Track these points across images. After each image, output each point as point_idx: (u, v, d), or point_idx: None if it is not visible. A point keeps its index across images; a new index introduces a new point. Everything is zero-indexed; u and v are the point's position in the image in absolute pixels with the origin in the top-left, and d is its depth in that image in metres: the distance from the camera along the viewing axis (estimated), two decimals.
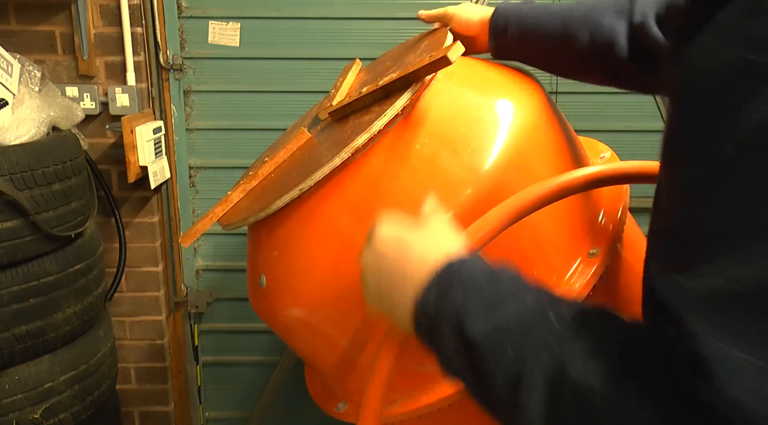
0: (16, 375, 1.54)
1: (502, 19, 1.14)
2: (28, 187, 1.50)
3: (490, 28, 1.15)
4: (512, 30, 1.12)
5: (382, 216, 0.75)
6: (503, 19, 1.13)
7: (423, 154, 1.00)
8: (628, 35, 1.02)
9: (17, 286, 1.51)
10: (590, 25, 1.04)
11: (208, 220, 1.20)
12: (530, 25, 1.11)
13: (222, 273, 2.17)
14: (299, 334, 1.15)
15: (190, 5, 1.97)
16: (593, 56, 1.06)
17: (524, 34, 1.12)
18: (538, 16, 1.11)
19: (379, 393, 0.83)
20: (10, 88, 1.59)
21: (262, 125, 2.04)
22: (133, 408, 2.20)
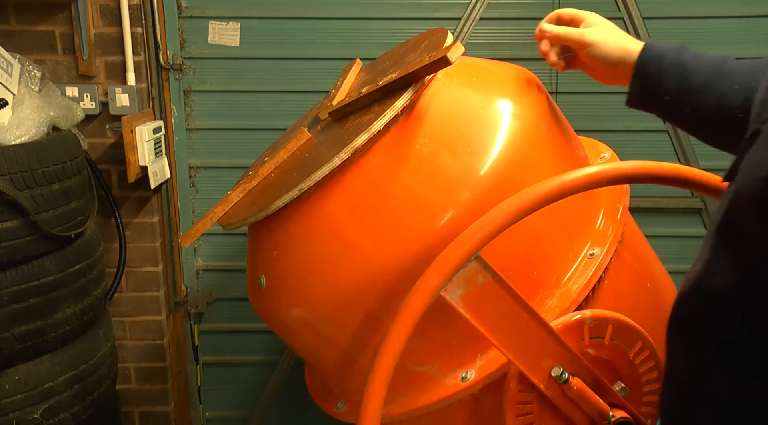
0: (16, 375, 1.54)
1: (656, 61, 0.93)
2: (28, 187, 1.50)
3: (637, 67, 0.95)
4: (669, 81, 0.92)
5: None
6: (657, 62, 0.93)
7: (423, 154, 1.00)
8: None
9: (17, 286, 1.51)
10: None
11: (208, 220, 1.20)
12: (696, 84, 0.90)
13: (222, 273, 2.17)
14: (299, 334, 1.16)
15: (190, 5, 1.97)
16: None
17: (684, 90, 0.91)
18: (708, 73, 0.90)
19: (379, 393, 0.84)
20: (10, 88, 1.59)
21: (262, 125, 2.04)
22: (133, 408, 2.20)
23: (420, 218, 0.96)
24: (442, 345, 1.03)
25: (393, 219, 0.98)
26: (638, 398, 1.04)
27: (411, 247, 0.96)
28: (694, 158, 2.00)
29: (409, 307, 0.83)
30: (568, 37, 1.02)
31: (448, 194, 0.96)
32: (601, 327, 0.98)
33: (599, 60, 0.99)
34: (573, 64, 1.06)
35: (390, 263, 0.97)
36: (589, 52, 0.99)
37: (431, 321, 0.93)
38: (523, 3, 1.95)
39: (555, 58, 1.05)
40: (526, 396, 0.97)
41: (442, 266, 0.83)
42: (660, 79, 0.92)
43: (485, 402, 1.04)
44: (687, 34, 1.93)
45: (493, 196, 0.94)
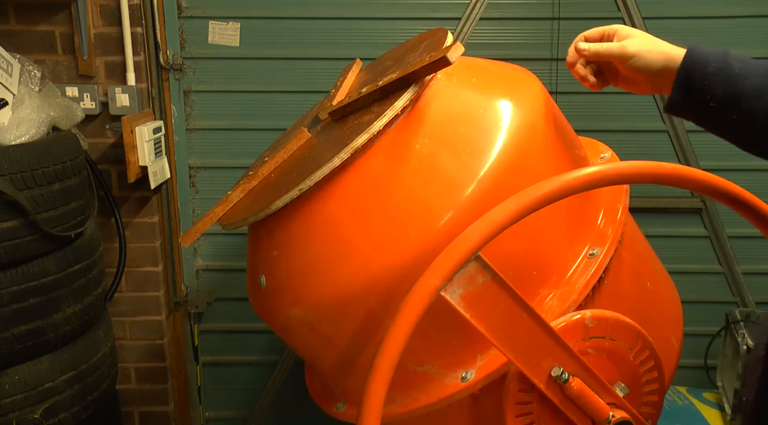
0: (16, 375, 1.54)
1: (701, 66, 0.90)
2: (28, 187, 1.50)
3: (681, 73, 0.91)
4: (715, 87, 0.88)
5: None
6: (701, 67, 0.89)
7: (423, 154, 1.00)
8: None
9: (17, 286, 1.51)
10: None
11: (208, 220, 1.20)
12: (746, 89, 0.86)
13: (222, 273, 2.17)
14: (299, 334, 1.16)
15: (190, 5, 1.97)
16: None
17: (731, 96, 0.87)
18: (757, 77, 0.86)
19: (379, 393, 0.84)
20: (10, 88, 1.59)
21: (262, 125, 2.04)
22: (133, 408, 2.20)
23: (420, 218, 0.96)
24: (442, 345, 1.03)
25: (393, 219, 0.98)
26: (638, 398, 1.04)
27: (411, 247, 0.96)
28: (694, 158, 2.00)
29: (409, 307, 0.83)
30: (609, 53, 0.98)
31: (448, 194, 0.96)
32: (601, 327, 0.98)
33: (642, 70, 0.95)
34: (609, 80, 1.04)
35: (390, 263, 0.97)
36: (632, 64, 0.96)
37: (431, 321, 0.93)
38: (523, 3, 1.95)
39: (594, 79, 1.02)
40: (526, 396, 0.97)
41: (442, 266, 0.83)
42: (705, 84, 0.89)
43: (485, 402, 1.04)
44: (687, 34, 1.93)
45: (493, 196, 0.94)
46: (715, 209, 2.04)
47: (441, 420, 1.09)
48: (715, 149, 1.98)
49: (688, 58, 0.91)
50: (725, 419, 1.82)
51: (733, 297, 2.11)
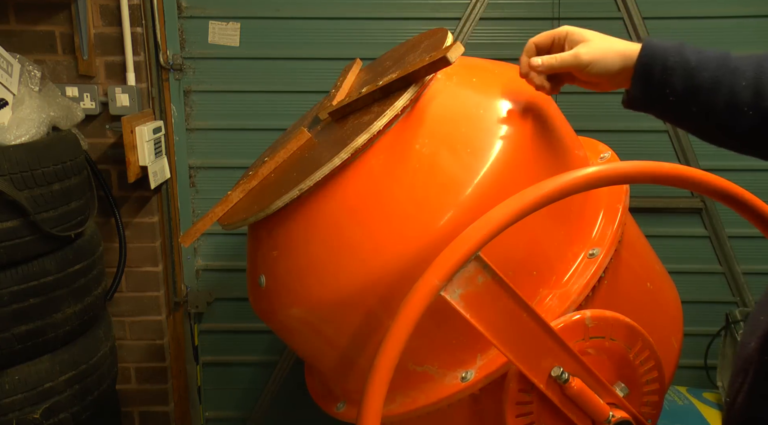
0: (16, 375, 1.54)
1: (659, 61, 0.89)
2: (28, 187, 1.50)
3: (638, 69, 0.90)
4: (674, 81, 0.88)
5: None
6: (659, 62, 0.89)
7: (423, 154, 1.00)
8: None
9: (17, 286, 1.51)
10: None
11: (208, 220, 1.20)
12: (703, 81, 0.86)
13: (222, 273, 2.17)
14: (298, 334, 1.16)
15: (190, 5, 1.97)
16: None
17: (690, 89, 0.87)
18: (714, 69, 0.86)
19: (379, 392, 0.84)
20: (10, 88, 1.59)
21: (262, 125, 2.04)
22: (133, 408, 2.20)
23: (420, 218, 0.96)
24: (442, 345, 1.03)
25: (393, 219, 0.98)
26: (638, 398, 1.04)
27: (411, 247, 0.96)
28: (694, 158, 2.00)
29: (409, 307, 0.83)
30: (563, 65, 0.96)
31: (448, 194, 0.96)
32: (601, 327, 0.98)
33: (601, 75, 0.94)
34: (564, 81, 1.03)
35: (390, 263, 0.97)
36: (589, 71, 0.94)
37: (431, 321, 0.93)
38: (523, 3, 1.95)
39: (549, 85, 1.01)
40: (526, 396, 0.97)
41: (442, 266, 0.82)
42: (664, 79, 0.88)
43: (485, 402, 1.04)
44: (687, 34, 1.93)
45: (493, 196, 0.94)
46: (715, 209, 2.04)
47: (441, 420, 1.09)
48: (715, 149, 1.98)
49: (644, 55, 0.90)
50: None
51: (733, 297, 2.11)
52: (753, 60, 0.85)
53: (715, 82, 0.85)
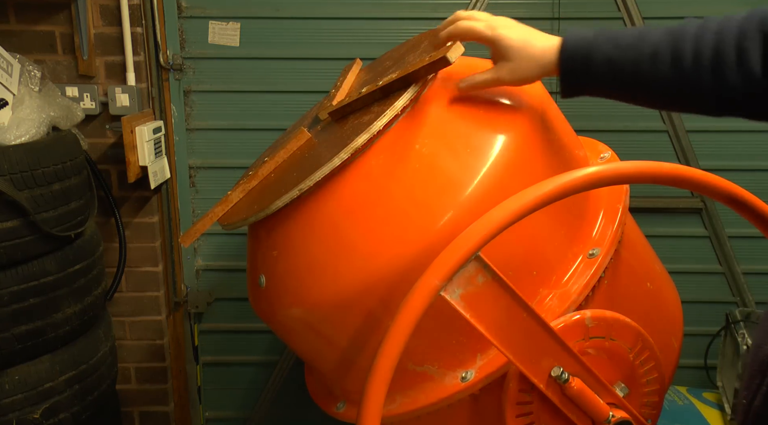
0: (16, 375, 1.54)
1: (580, 50, 0.92)
2: (28, 187, 1.50)
3: (564, 79, 0.95)
4: (603, 81, 0.91)
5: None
6: (582, 50, 0.91)
7: (423, 154, 1.00)
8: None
9: (17, 286, 1.51)
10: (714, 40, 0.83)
11: (208, 220, 1.20)
12: (627, 42, 0.88)
13: (222, 273, 2.17)
14: (298, 334, 1.16)
15: (190, 5, 1.97)
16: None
17: (618, 80, 0.90)
18: (635, 38, 0.88)
19: (379, 393, 0.84)
20: (10, 88, 1.59)
21: (262, 125, 2.04)
22: (133, 408, 2.20)
23: (420, 218, 0.96)
24: (442, 345, 1.03)
25: (393, 219, 0.98)
26: (638, 398, 1.04)
27: (411, 247, 0.96)
28: (694, 158, 2.00)
29: (409, 307, 0.83)
30: (486, 85, 1.01)
31: (448, 194, 0.96)
32: (601, 327, 0.98)
33: (527, 82, 0.99)
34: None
35: (390, 263, 0.97)
36: (514, 83, 1.00)
37: (431, 321, 0.93)
38: (523, 3, 1.95)
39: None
40: (526, 396, 0.97)
41: (442, 266, 0.82)
42: (590, 83, 0.93)
43: (485, 402, 1.04)
44: None
45: (493, 196, 0.94)
46: (715, 209, 2.04)
47: (441, 420, 1.09)
48: (715, 149, 1.98)
49: (564, 68, 0.93)
50: (725, 419, 1.82)
51: (733, 297, 2.11)
52: (666, 30, 0.88)
53: (636, 64, 0.88)
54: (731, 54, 0.81)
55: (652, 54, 0.86)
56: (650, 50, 0.87)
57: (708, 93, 0.84)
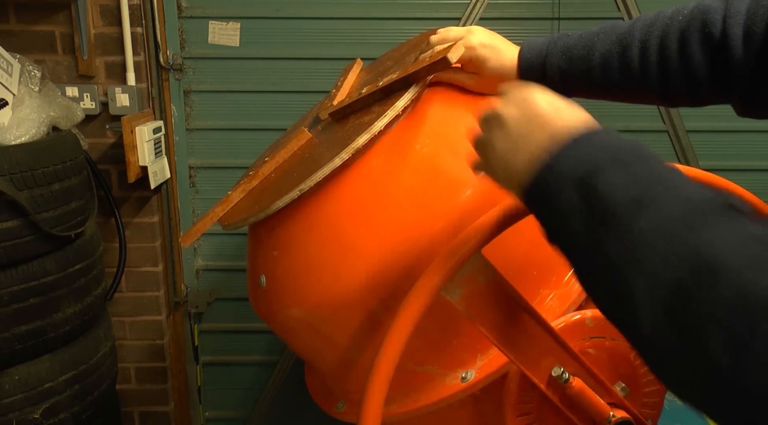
0: (16, 375, 1.54)
1: (535, 63, 0.97)
2: (28, 187, 1.50)
3: (520, 76, 0.98)
4: (551, 73, 0.95)
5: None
6: (537, 63, 0.97)
7: (423, 154, 1.00)
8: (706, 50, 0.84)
9: (17, 286, 1.51)
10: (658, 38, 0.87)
11: (208, 220, 1.20)
12: (578, 55, 0.93)
13: (222, 273, 2.17)
14: (299, 334, 1.15)
15: (190, 5, 1.97)
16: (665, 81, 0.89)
17: (572, 66, 0.94)
18: (588, 39, 0.93)
19: (379, 392, 0.84)
20: (10, 88, 1.59)
21: (262, 125, 2.04)
22: (133, 408, 2.20)
23: (420, 217, 0.96)
24: (442, 345, 1.03)
25: (393, 219, 0.98)
26: (639, 398, 1.04)
27: (411, 247, 0.96)
28: (694, 158, 2.00)
29: (410, 307, 0.83)
30: (462, 85, 1.06)
31: (449, 194, 0.96)
32: (601, 327, 0.98)
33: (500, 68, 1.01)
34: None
35: (390, 262, 0.97)
36: (490, 70, 1.02)
37: (431, 320, 0.93)
38: (523, 3, 1.95)
39: None
40: (526, 396, 0.97)
41: (442, 265, 0.82)
42: (545, 61, 0.96)
43: (485, 403, 1.04)
44: None
45: (494, 196, 0.94)
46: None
47: (441, 420, 1.09)
48: (715, 149, 1.98)
49: (525, 47, 0.98)
50: None
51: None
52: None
53: (587, 74, 0.93)
54: (675, 59, 0.86)
55: (602, 65, 0.91)
56: (600, 61, 0.91)
57: (658, 92, 0.89)
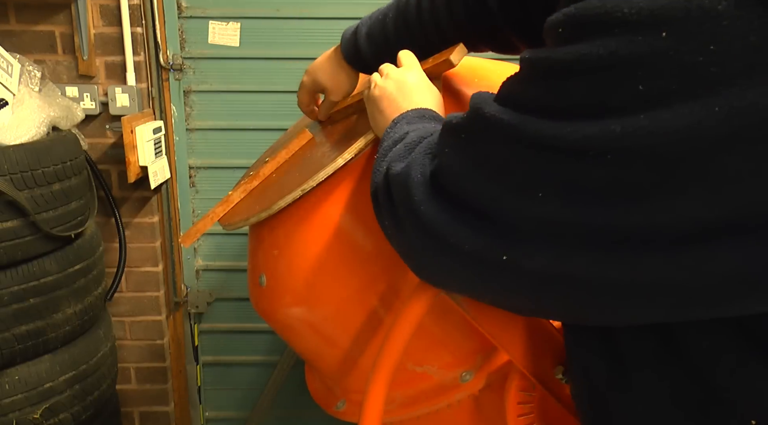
0: (16, 375, 1.54)
1: (351, 46, 1.09)
2: (28, 187, 1.50)
3: (347, 59, 1.11)
4: (362, 45, 1.07)
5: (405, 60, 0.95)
6: (352, 45, 1.09)
7: None
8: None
9: (17, 286, 1.51)
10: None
11: (208, 220, 1.20)
12: (378, 29, 1.06)
13: (222, 273, 2.17)
14: (299, 333, 1.16)
15: (190, 5, 1.97)
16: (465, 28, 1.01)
17: (375, 39, 1.07)
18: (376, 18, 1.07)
19: (380, 392, 0.84)
20: (10, 88, 1.59)
21: (262, 125, 2.04)
22: (133, 408, 2.20)
23: None
24: (443, 345, 1.03)
25: None
26: None
27: None
28: None
29: (411, 306, 0.83)
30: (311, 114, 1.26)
31: None
32: None
33: (343, 84, 1.16)
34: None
35: (391, 262, 0.97)
36: (336, 91, 1.18)
37: (432, 320, 0.93)
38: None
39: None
40: (527, 397, 0.97)
41: None
42: (357, 48, 1.09)
43: (486, 403, 1.04)
44: None
45: None
46: None
47: (441, 420, 1.09)
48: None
49: (348, 57, 1.12)
50: None
51: None
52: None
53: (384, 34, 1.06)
54: (442, 8, 0.99)
55: (392, 20, 1.05)
56: (392, 17, 1.05)
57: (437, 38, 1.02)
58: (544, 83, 0.51)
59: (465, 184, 0.58)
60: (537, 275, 0.54)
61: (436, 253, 0.62)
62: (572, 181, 0.48)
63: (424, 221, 0.62)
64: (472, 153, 0.58)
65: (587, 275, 0.51)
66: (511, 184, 0.53)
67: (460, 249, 0.58)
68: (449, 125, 0.63)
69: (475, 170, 0.57)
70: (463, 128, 0.60)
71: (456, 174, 0.59)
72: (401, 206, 0.67)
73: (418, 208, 0.63)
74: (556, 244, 0.51)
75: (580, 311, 0.56)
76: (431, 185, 0.63)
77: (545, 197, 0.50)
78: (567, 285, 0.53)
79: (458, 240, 0.58)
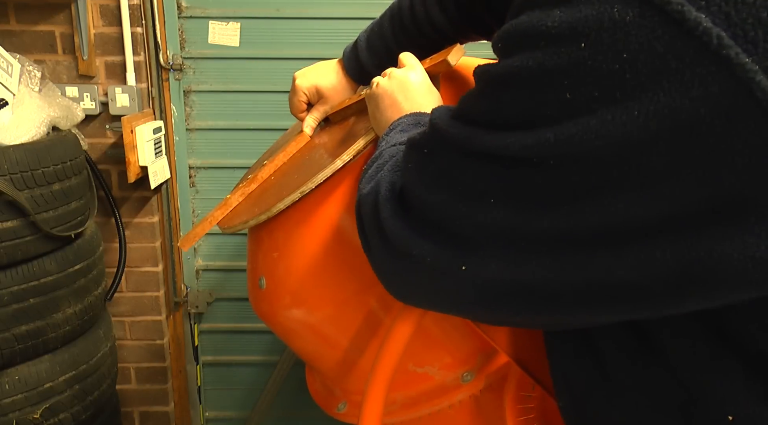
0: (16, 375, 1.54)
1: (353, 60, 1.12)
2: (28, 187, 1.50)
3: (348, 72, 1.15)
4: (363, 57, 1.10)
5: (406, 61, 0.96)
6: (354, 59, 1.12)
7: None
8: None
9: (17, 286, 1.51)
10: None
11: (207, 224, 1.20)
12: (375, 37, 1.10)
13: (222, 273, 2.17)
14: (299, 335, 1.16)
15: (190, 5, 1.97)
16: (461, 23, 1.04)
17: (374, 47, 1.10)
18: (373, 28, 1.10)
19: (380, 393, 0.84)
20: (10, 88, 1.59)
21: (262, 125, 2.04)
22: (133, 408, 2.20)
23: None
24: (443, 346, 1.03)
25: None
26: None
27: None
28: None
29: (411, 307, 0.83)
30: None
31: None
32: None
33: (340, 90, 1.19)
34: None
35: None
36: (332, 97, 1.22)
37: (432, 321, 0.93)
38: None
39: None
40: (526, 397, 0.97)
41: None
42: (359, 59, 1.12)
43: (486, 403, 1.04)
44: None
45: None
46: None
47: (442, 421, 1.09)
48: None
49: (348, 69, 1.15)
50: None
51: None
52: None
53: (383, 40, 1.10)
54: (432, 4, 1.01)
55: (389, 27, 1.08)
56: (388, 24, 1.08)
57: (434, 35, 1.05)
58: (487, 97, 0.54)
59: (426, 197, 0.60)
60: (494, 283, 0.55)
61: (403, 269, 0.64)
62: (518, 189, 0.51)
63: (389, 238, 0.64)
64: (431, 167, 0.60)
65: (542, 279, 0.52)
66: (463, 194, 0.55)
67: (423, 262, 0.60)
68: (412, 141, 0.64)
69: (432, 183, 0.59)
70: (424, 143, 0.62)
71: (418, 188, 0.61)
72: (369, 224, 0.70)
73: (383, 225, 0.65)
74: (509, 251, 0.53)
75: (542, 316, 0.57)
76: (398, 201, 0.65)
77: (495, 206, 0.53)
78: (524, 291, 0.54)
79: (421, 253, 0.60)
